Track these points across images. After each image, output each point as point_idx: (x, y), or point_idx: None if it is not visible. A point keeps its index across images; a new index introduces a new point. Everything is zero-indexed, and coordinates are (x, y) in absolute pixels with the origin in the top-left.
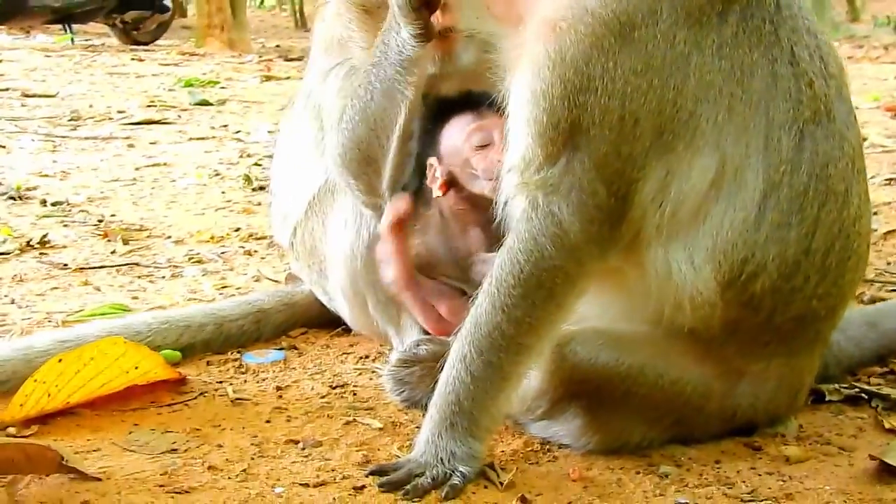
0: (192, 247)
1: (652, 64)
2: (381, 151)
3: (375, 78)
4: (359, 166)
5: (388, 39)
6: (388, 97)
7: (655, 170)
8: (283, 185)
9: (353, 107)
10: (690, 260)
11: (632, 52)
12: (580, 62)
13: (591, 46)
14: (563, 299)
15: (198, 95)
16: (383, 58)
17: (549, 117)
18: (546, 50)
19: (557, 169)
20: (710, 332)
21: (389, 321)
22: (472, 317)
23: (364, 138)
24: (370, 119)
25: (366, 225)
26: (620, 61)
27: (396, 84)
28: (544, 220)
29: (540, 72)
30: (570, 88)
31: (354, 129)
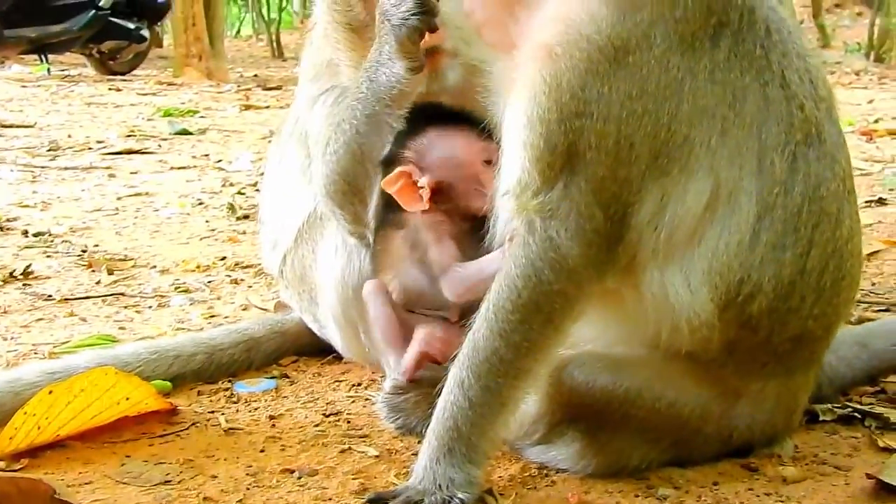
0: (178, 276)
1: (647, 88)
2: (366, 182)
3: (362, 110)
4: (344, 196)
5: (376, 72)
6: (374, 128)
7: (651, 193)
8: (272, 212)
9: (337, 139)
10: (687, 282)
11: (627, 76)
12: (576, 87)
13: (586, 71)
14: (561, 323)
15: (177, 125)
16: (370, 91)
17: (545, 142)
18: (541, 75)
19: (555, 193)
20: (709, 354)
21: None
22: (470, 342)
23: (349, 170)
24: (356, 150)
25: (356, 252)
26: (616, 86)
27: (385, 116)
28: (542, 244)
29: (535, 96)
30: (565, 113)
31: (339, 161)
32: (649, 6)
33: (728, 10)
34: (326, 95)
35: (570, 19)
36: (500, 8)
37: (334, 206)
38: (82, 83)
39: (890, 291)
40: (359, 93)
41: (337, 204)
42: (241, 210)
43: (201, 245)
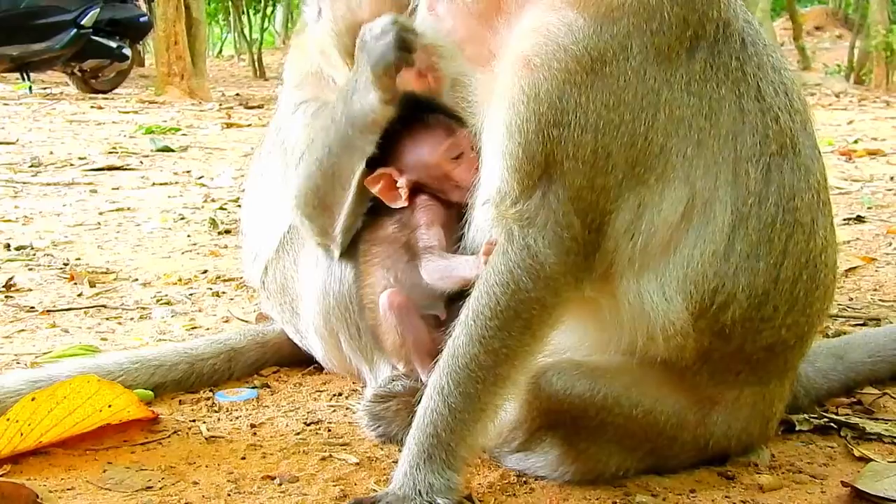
0: (160, 289)
1: (623, 98)
2: (337, 200)
3: (335, 132)
4: (313, 210)
5: (351, 98)
6: (346, 151)
7: (628, 202)
8: (254, 223)
9: (310, 155)
10: (662, 291)
11: (604, 87)
12: (554, 97)
13: (564, 82)
14: (539, 330)
15: (159, 142)
16: (344, 115)
17: (523, 151)
18: (520, 85)
19: (533, 202)
20: (683, 362)
21: (363, 358)
22: (450, 348)
23: (320, 186)
24: (327, 170)
25: (337, 262)
26: (593, 96)
27: (356, 141)
28: (520, 252)
29: (514, 106)
30: (544, 122)
31: (311, 177)
32: (626, 18)
33: (704, 22)
34: (307, 106)
35: (547, 30)
36: (480, 21)
37: (303, 216)
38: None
39: (867, 306)
40: (334, 114)
41: (305, 215)
42: (223, 225)
43: (183, 259)
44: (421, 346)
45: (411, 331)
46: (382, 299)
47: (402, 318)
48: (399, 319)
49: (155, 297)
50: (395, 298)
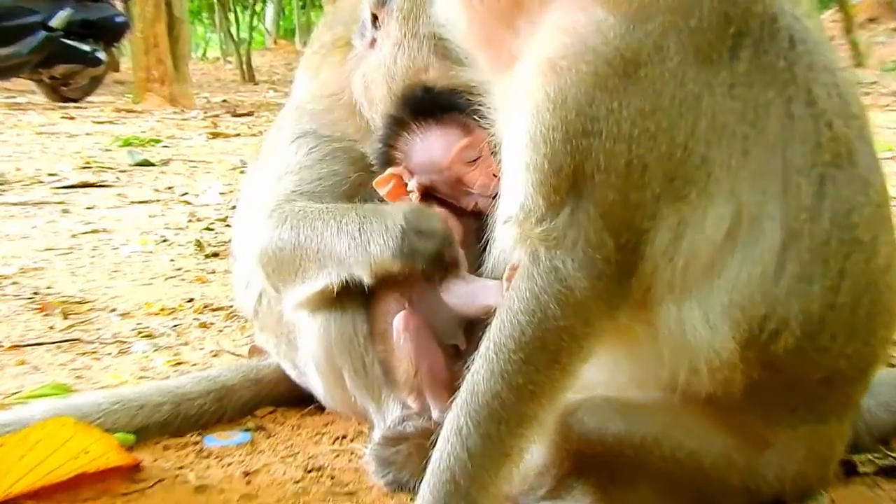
0: (141, 320)
1: (660, 104)
2: (292, 285)
3: (317, 245)
4: (273, 274)
5: (357, 234)
6: (318, 264)
7: (667, 219)
8: (246, 246)
9: (291, 229)
10: (706, 318)
11: (638, 91)
12: (582, 103)
13: (593, 86)
14: (568, 363)
15: (138, 155)
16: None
17: (550, 163)
18: (545, 91)
19: (561, 220)
20: (731, 398)
21: (369, 396)
22: (469, 384)
23: (286, 264)
24: (297, 258)
25: None
26: (626, 102)
27: (330, 267)
28: (547, 276)
29: (539, 114)
30: (572, 132)
31: (282, 249)
32: (661, 15)
33: (748, 18)
34: (311, 140)
35: (575, 30)
36: (501, 22)
37: (261, 268)
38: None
39: None
40: (327, 226)
41: (263, 270)
42: (210, 247)
43: (166, 286)
44: (437, 376)
45: (427, 358)
46: (396, 321)
47: (418, 342)
48: (414, 344)
49: (135, 330)
50: (411, 320)
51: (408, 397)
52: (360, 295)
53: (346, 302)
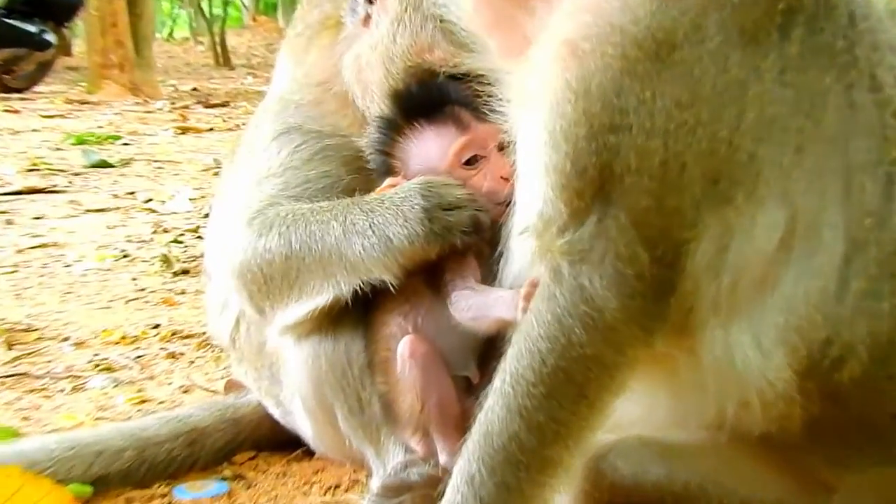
0: (98, 350)
1: (699, 93)
2: (286, 301)
3: (318, 250)
4: (257, 292)
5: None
6: (321, 273)
7: (710, 228)
8: (222, 263)
9: (278, 242)
10: (757, 343)
11: (673, 78)
12: (609, 93)
13: (621, 72)
14: (597, 398)
15: (94, 155)
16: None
17: (572, 164)
18: (565, 79)
19: (586, 229)
20: (788, 437)
21: (366, 438)
22: (482, 424)
23: (275, 278)
24: (291, 269)
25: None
26: (660, 90)
27: (339, 276)
28: (571, 295)
29: (558, 106)
30: (597, 126)
31: (270, 262)
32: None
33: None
34: (295, 139)
35: (598, 8)
36: (513, 1)
37: (242, 287)
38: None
39: None
40: (327, 228)
41: (245, 289)
42: (179, 263)
43: (127, 310)
44: (446, 413)
45: (435, 391)
46: (401, 347)
47: (425, 371)
48: (421, 374)
49: (91, 362)
50: (418, 346)
51: (412, 438)
52: (355, 317)
53: (338, 326)
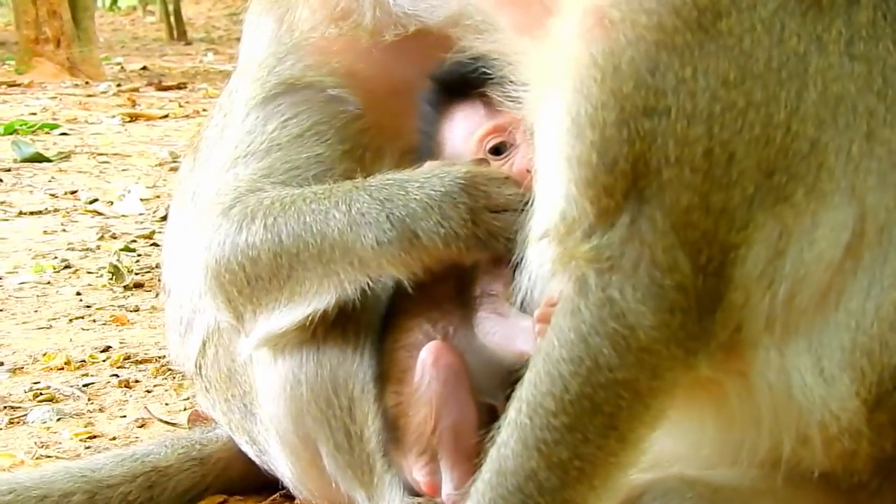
0: (38, 378)
1: (751, 69)
2: (273, 305)
3: (315, 244)
4: (238, 296)
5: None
6: (319, 270)
7: (763, 229)
8: (183, 275)
9: (264, 236)
10: (819, 367)
11: (719, 52)
12: (642, 70)
13: (657, 46)
14: (629, 430)
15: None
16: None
17: (599, 155)
18: (591, 54)
19: (616, 233)
20: (854, 477)
21: (356, 479)
22: (494, 462)
23: (262, 277)
24: (281, 267)
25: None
26: (703, 66)
27: (340, 272)
28: (598, 310)
29: (583, 88)
30: (629, 110)
31: (254, 259)
32: None
33: None
34: (273, 112)
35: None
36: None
37: (219, 291)
38: None
39: None
40: (326, 219)
41: (223, 292)
42: (131, 275)
43: (72, 330)
44: (460, 438)
45: (454, 409)
46: (424, 353)
47: (446, 385)
48: (441, 387)
49: (31, 391)
50: (444, 355)
51: (416, 462)
52: (342, 335)
53: (323, 345)
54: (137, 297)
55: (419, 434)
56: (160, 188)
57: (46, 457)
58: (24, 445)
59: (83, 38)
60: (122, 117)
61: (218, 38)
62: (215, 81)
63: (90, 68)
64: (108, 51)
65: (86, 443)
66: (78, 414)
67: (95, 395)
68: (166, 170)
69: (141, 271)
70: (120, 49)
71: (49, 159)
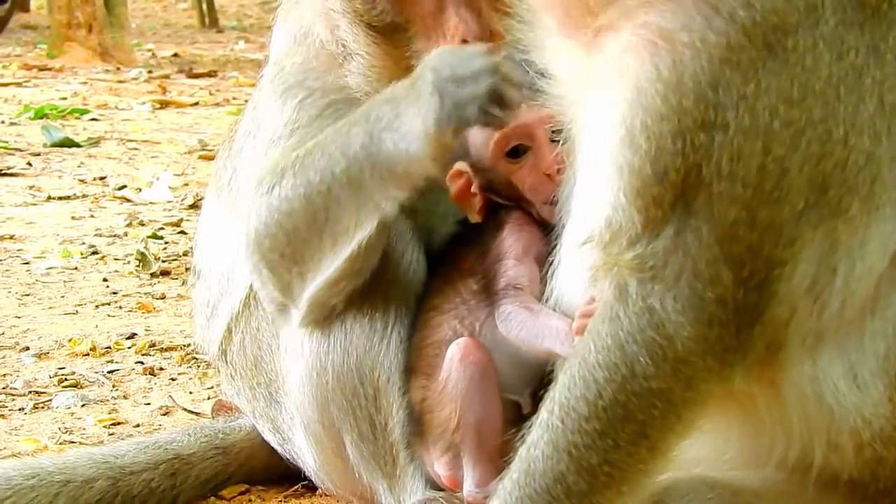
0: (63, 363)
1: (811, 87)
2: (318, 256)
3: (345, 168)
4: (281, 260)
5: (381, 135)
6: (354, 201)
7: (813, 245)
8: (213, 261)
9: (295, 179)
10: (852, 374)
11: (782, 70)
12: (705, 85)
13: (722, 63)
14: (660, 439)
15: (57, 132)
16: (365, 152)
17: (653, 165)
18: (654, 67)
19: (661, 243)
20: (881, 483)
21: (379, 470)
22: (523, 461)
23: (299, 230)
24: (317, 213)
25: (338, 318)
26: (765, 84)
27: (373, 192)
28: (638, 318)
29: (642, 99)
30: (687, 124)
31: (289, 213)
32: None
33: None
34: (297, 91)
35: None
36: None
37: (262, 263)
38: None
39: None
40: (347, 140)
41: (265, 261)
42: (158, 263)
43: (97, 316)
44: (484, 435)
45: (479, 406)
46: (454, 348)
47: (473, 382)
48: (468, 383)
49: (56, 377)
50: (473, 351)
51: (439, 458)
52: (369, 326)
53: (350, 330)
54: (164, 285)
55: (443, 430)
56: (189, 176)
57: (70, 442)
58: (48, 431)
59: (115, 23)
60: (152, 104)
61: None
62: (246, 70)
63: (121, 54)
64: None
65: (109, 429)
66: (102, 400)
67: (120, 381)
68: (195, 158)
69: (168, 259)
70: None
71: (79, 144)
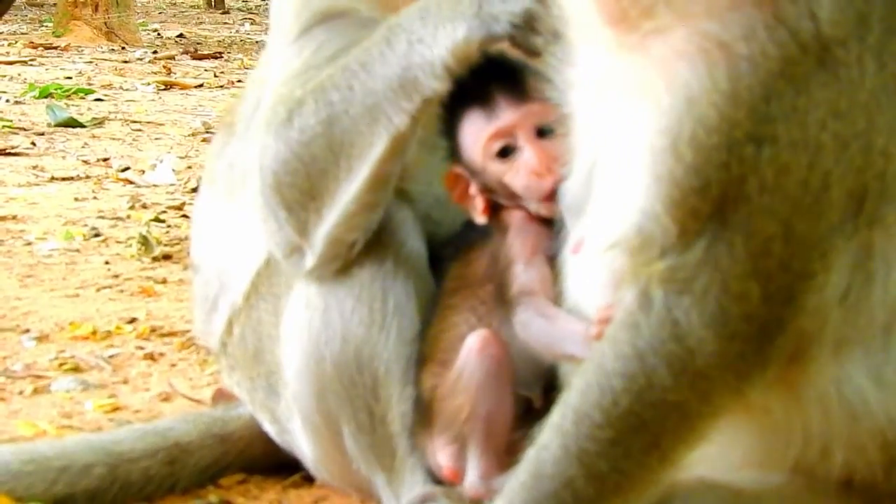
0: (64, 346)
1: (858, 99)
2: (334, 186)
3: (360, 84)
4: (300, 196)
5: (410, 45)
6: (368, 117)
7: (845, 255)
8: (212, 250)
9: (314, 107)
10: (875, 374)
11: (831, 82)
12: (758, 97)
13: (777, 75)
14: (671, 449)
15: (61, 112)
16: (387, 66)
17: (695, 177)
18: (711, 77)
19: (692, 255)
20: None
21: (377, 462)
22: (532, 463)
23: (318, 158)
24: (334, 137)
25: (337, 307)
26: (816, 96)
27: (385, 104)
28: (659, 329)
29: (693, 109)
30: (737, 136)
31: (308, 143)
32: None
33: None
34: (307, 40)
35: None
36: None
37: (278, 202)
38: None
39: None
40: (367, 57)
41: (282, 199)
42: (160, 246)
43: (98, 299)
44: (494, 428)
45: (492, 399)
46: (472, 338)
47: (488, 374)
48: (484, 375)
49: (56, 360)
50: (491, 344)
51: (444, 448)
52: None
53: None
54: (165, 269)
55: (452, 419)
56: (192, 159)
57: (69, 427)
58: (47, 415)
59: (121, 3)
60: (156, 85)
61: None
62: (251, 52)
63: (127, 34)
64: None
65: (109, 415)
66: (102, 385)
67: (120, 366)
68: (199, 140)
69: (170, 242)
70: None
71: (83, 125)
